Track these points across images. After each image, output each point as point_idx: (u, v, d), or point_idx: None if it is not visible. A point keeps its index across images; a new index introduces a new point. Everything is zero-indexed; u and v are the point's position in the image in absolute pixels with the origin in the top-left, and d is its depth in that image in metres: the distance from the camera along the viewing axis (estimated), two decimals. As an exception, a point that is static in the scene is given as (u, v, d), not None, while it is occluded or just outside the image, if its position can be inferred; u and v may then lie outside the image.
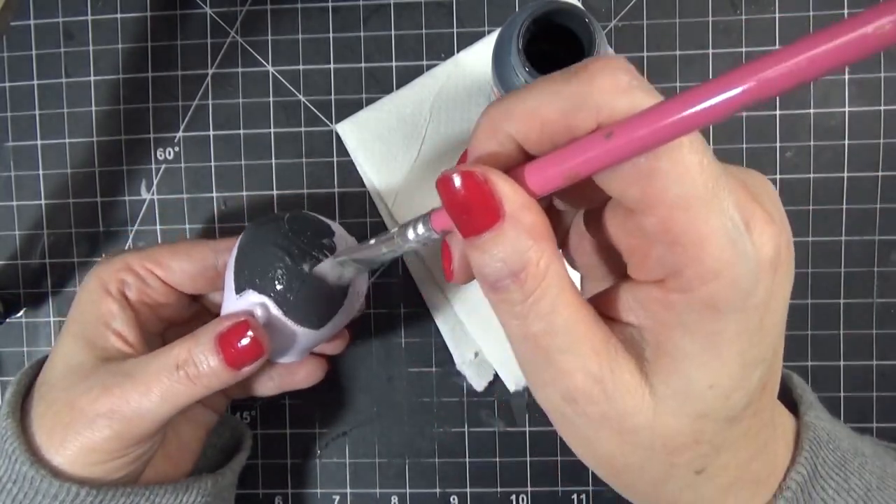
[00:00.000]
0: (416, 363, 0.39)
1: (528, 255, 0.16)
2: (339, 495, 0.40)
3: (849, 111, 0.37)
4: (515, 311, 0.17)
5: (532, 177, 0.17)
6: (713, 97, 0.13)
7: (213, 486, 0.31)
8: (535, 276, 0.17)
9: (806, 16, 0.37)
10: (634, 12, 0.38)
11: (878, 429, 0.38)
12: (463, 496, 0.39)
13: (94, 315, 0.30)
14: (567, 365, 0.17)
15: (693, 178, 0.15)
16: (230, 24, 0.39)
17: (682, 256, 0.16)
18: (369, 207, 0.39)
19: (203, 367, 0.27)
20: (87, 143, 0.40)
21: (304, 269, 0.28)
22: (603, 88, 0.16)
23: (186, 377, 0.27)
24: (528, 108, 0.17)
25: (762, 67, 0.13)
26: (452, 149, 0.38)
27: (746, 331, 0.16)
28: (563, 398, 0.18)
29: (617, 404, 0.17)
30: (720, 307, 0.16)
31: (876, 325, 0.38)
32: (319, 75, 0.39)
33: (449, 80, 0.38)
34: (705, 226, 0.15)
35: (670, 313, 0.17)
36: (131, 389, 0.27)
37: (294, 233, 0.29)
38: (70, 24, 0.40)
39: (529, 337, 0.17)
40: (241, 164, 0.39)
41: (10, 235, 0.40)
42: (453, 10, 0.38)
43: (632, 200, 0.16)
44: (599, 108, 0.16)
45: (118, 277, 0.30)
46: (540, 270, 0.17)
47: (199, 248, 0.31)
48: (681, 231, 0.15)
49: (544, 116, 0.16)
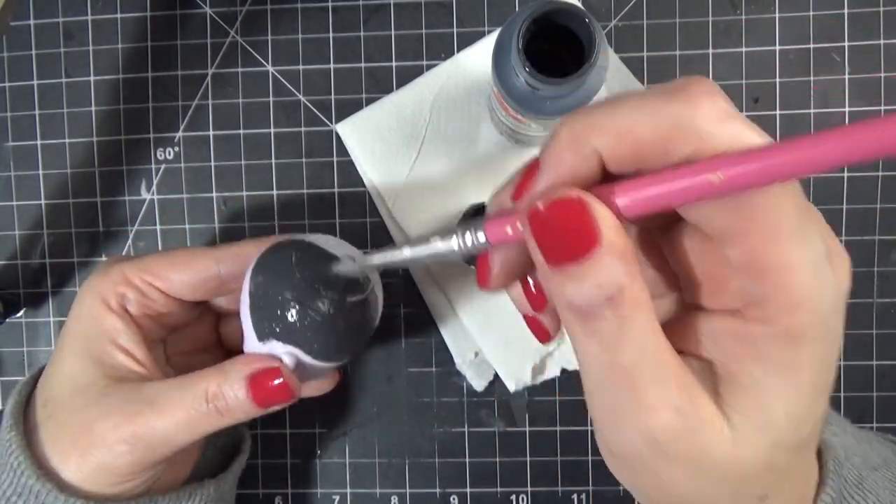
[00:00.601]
0: (416, 363, 0.39)
1: (624, 279, 0.16)
2: (339, 495, 0.40)
3: (849, 111, 0.37)
4: (606, 340, 0.16)
5: (623, 200, 0.16)
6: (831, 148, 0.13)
7: (215, 490, 0.31)
8: (631, 301, 0.16)
9: (806, 16, 0.37)
10: (634, 12, 0.38)
11: (878, 429, 0.38)
12: (463, 496, 0.39)
13: (97, 331, 0.29)
14: (653, 399, 0.16)
15: (785, 210, 0.15)
16: (230, 24, 0.39)
17: (766, 287, 0.16)
18: (369, 207, 0.39)
19: (232, 403, 0.28)
20: (87, 143, 0.40)
21: (324, 310, 0.28)
22: (706, 114, 0.15)
23: (216, 410, 0.27)
24: (621, 125, 0.16)
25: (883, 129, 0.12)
26: (452, 149, 0.38)
27: (821, 360, 0.16)
28: (643, 439, 0.17)
29: (697, 440, 0.16)
30: (801, 337, 0.16)
31: (876, 325, 0.38)
32: (319, 75, 0.39)
33: (449, 80, 0.38)
34: (793, 257, 0.15)
35: (745, 344, 0.16)
36: (156, 419, 0.27)
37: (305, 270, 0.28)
38: (70, 24, 0.40)
39: (618, 368, 0.16)
40: (241, 164, 0.39)
41: (10, 235, 0.40)
42: (453, 10, 0.38)
43: (717, 229, 0.16)
44: (700, 135, 0.15)
45: (117, 291, 0.29)
46: (635, 294, 0.16)
47: (199, 258, 0.30)
48: (769, 262, 0.15)
49: (639, 136, 0.16)
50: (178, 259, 0.30)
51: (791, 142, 0.14)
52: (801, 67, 0.37)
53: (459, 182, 0.38)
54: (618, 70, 0.37)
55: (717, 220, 0.16)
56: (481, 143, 0.38)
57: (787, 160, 0.14)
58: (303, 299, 0.27)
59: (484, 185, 0.38)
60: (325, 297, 0.28)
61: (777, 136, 0.37)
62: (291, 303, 0.27)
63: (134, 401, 0.27)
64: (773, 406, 0.16)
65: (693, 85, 0.15)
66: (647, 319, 0.16)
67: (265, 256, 0.29)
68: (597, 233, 0.15)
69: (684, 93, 0.15)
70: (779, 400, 0.16)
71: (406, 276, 0.39)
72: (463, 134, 0.38)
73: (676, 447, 0.17)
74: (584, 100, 0.29)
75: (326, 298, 0.28)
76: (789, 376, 0.16)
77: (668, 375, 0.16)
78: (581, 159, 0.16)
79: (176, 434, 0.27)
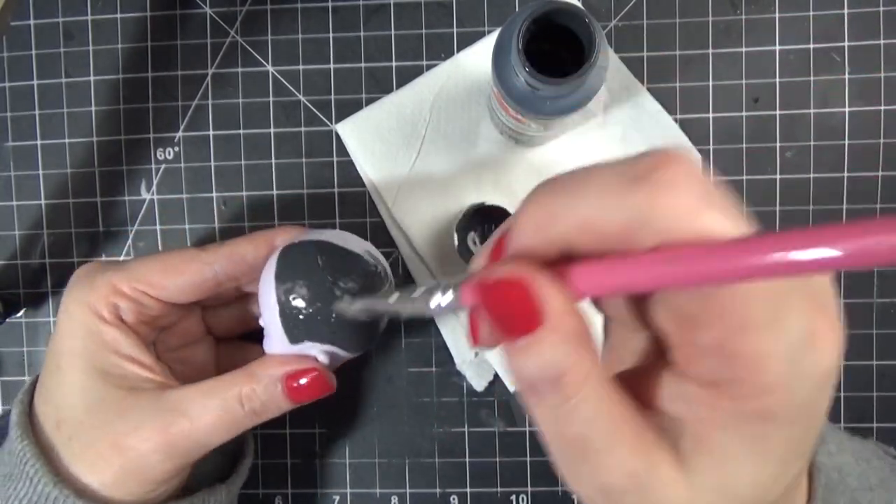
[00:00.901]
0: (416, 363, 0.39)
1: (566, 362, 0.16)
2: (339, 495, 0.40)
3: (849, 111, 0.37)
4: (551, 414, 0.17)
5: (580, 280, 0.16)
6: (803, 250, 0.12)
7: (226, 495, 0.32)
8: (573, 385, 0.16)
9: (806, 16, 0.37)
10: (634, 12, 0.38)
11: (878, 429, 0.38)
12: (463, 496, 0.39)
13: (98, 345, 0.29)
14: (605, 464, 0.17)
15: (756, 300, 0.14)
16: (230, 24, 0.39)
17: (737, 371, 0.15)
18: (369, 207, 0.39)
19: (269, 403, 0.29)
20: (87, 143, 0.40)
21: (350, 307, 0.28)
22: (671, 208, 0.14)
23: (252, 412, 0.29)
24: (583, 216, 0.15)
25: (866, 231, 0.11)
26: (452, 149, 0.38)
27: (793, 438, 0.16)
28: (598, 491, 0.17)
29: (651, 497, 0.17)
30: (773, 418, 0.15)
31: (876, 325, 0.38)
32: (319, 75, 0.39)
33: (449, 80, 0.38)
34: (764, 346, 0.15)
35: (716, 413, 0.16)
36: (190, 426, 0.28)
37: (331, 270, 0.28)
38: (70, 24, 0.40)
39: (567, 437, 0.17)
40: (241, 164, 0.39)
41: (10, 235, 0.40)
42: (453, 10, 0.38)
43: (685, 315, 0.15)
44: (662, 231, 0.14)
45: (109, 302, 0.29)
46: (579, 378, 0.16)
47: (193, 262, 0.30)
48: (738, 350, 0.15)
49: (601, 229, 0.15)
50: (170, 265, 0.30)
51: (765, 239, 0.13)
52: (801, 67, 0.37)
53: (459, 182, 0.38)
54: (618, 70, 0.37)
55: (685, 307, 0.15)
56: (481, 143, 0.38)
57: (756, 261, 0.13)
58: (334, 301, 0.28)
59: (484, 185, 0.38)
60: (355, 294, 0.28)
61: (777, 136, 0.37)
62: (324, 307, 0.28)
63: (161, 410, 0.28)
64: (738, 474, 0.16)
65: (661, 168, 0.14)
66: (594, 397, 0.16)
67: (287, 261, 0.29)
68: (540, 314, 0.15)
69: (650, 180, 0.14)
70: (744, 469, 0.16)
71: (406, 276, 0.39)
72: (463, 134, 0.38)
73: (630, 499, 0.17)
74: (584, 100, 0.29)
75: (356, 296, 0.28)
76: (757, 450, 0.16)
77: (619, 443, 0.16)
78: (546, 243, 0.16)
79: (211, 438, 0.28)
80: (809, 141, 0.37)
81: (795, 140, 0.37)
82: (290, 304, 0.28)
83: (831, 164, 0.37)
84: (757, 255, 0.12)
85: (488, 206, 0.36)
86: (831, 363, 0.15)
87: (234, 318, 0.35)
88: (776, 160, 0.38)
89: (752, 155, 0.38)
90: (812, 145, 0.37)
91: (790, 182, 0.37)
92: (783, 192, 0.37)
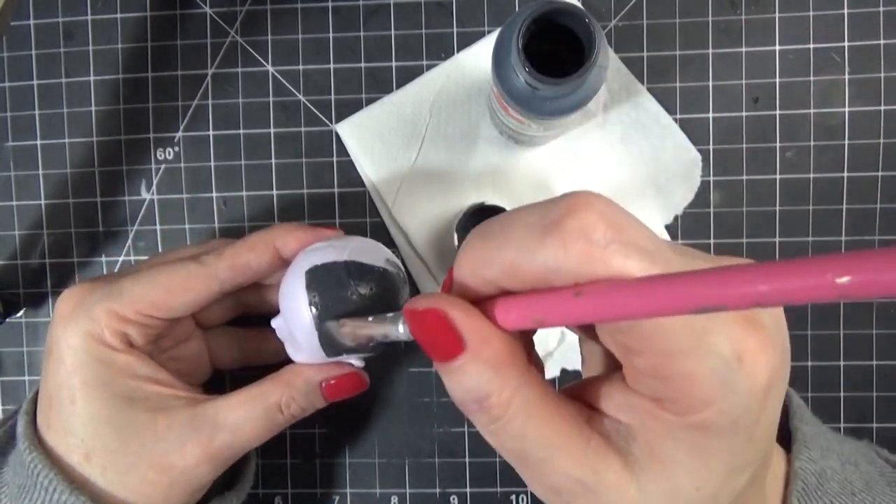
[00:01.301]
0: (416, 363, 0.39)
1: (488, 387, 0.17)
2: (339, 495, 0.40)
3: (849, 111, 0.37)
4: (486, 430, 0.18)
5: (500, 314, 0.17)
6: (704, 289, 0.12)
7: (236, 500, 0.32)
8: (498, 406, 0.17)
9: (806, 16, 0.37)
10: (634, 12, 0.38)
11: (878, 429, 0.38)
12: (463, 496, 0.39)
13: (113, 373, 0.28)
14: (546, 470, 0.18)
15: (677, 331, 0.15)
16: (230, 24, 0.39)
17: (671, 391, 0.16)
18: (369, 207, 0.39)
19: (308, 408, 0.31)
20: (87, 143, 0.40)
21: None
22: (575, 255, 0.15)
23: (291, 416, 0.30)
24: (506, 263, 0.17)
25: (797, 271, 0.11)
26: (452, 149, 0.38)
27: (735, 447, 0.17)
28: (547, 491, 0.18)
29: (602, 498, 0.18)
30: (709, 430, 0.16)
31: (876, 325, 0.38)
32: (319, 75, 0.39)
33: (449, 80, 0.38)
34: (694, 368, 0.16)
35: (661, 425, 0.17)
36: (232, 438, 0.29)
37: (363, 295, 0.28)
38: (70, 24, 0.40)
39: (504, 450, 0.18)
40: (241, 164, 0.39)
41: (10, 235, 0.40)
42: (453, 10, 0.38)
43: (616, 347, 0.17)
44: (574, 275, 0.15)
45: (116, 331, 0.28)
46: (503, 401, 0.17)
47: (196, 280, 0.29)
48: (669, 373, 0.16)
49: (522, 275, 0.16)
50: (175, 284, 0.29)
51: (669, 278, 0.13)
52: (801, 67, 0.37)
53: (459, 182, 0.38)
54: (618, 70, 0.37)
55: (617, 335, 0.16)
56: (481, 143, 0.38)
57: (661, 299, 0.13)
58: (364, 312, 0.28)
59: (484, 186, 0.38)
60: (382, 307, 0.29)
61: (777, 136, 0.37)
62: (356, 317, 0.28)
63: (200, 426, 0.28)
64: (684, 481, 0.17)
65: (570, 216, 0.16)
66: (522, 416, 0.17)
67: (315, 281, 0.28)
68: (459, 342, 0.17)
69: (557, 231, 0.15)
70: (689, 476, 0.17)
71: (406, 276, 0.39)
72: (463, 134, 0.38)
73: (580, 500, 0.18)
74: (583, 100, 0.29)
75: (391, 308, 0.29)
76: (701, 459, 0.17)
77: (558, 453, 0.17)
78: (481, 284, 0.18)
79: (252, 444, 0.30)
80: (809, 141, 0.37)
81: (795, 140, 0.37)
82: (323, 325, 0.28)
83: (831, 164, 0.37)
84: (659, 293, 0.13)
85: (488, 206, 0.36)
86: (764, 379, 0.16)
87: (224, 308, 0.35)
88: (776, 160, 0.38)
89: (752, 155, 0.38)
90: (812, 145, 0.37)
91: (790, 182, 0.37)
92: (783, 192, 0.37)
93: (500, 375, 0.17)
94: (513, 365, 0.17)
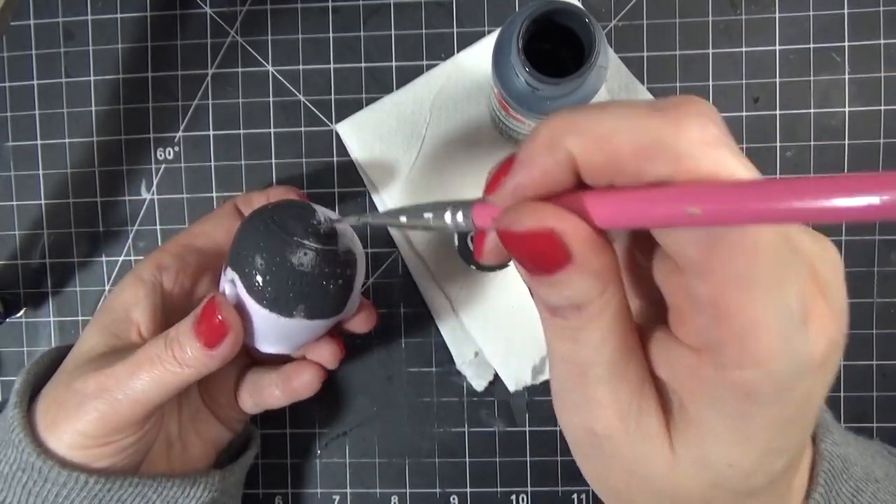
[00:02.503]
0: (416, 363, 0.39)
1: (590, 294, 0.16)
2: (339, 495, 0.40)
3: (849, 111, 0.37)
4: (568, 334, 0.17)
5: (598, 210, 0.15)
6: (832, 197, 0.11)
7: (219, 481, 0.31)
8: (595, 311, 0.16)
9: (806, 16, 0.37)
10: (634, 12, 0.38)
11: (879, 429, 0.38)
12: (463, 496, 0.39)
13: (116, 306, 0.30)
14: (600, 395, 0.17)
15: (761, 259, 0.14)
16: (230, 24, 0.39)
17: (725, 334, 0.15)
18: (369, 207, 0.39)
19: (185, 344, 0.28)
20: (87, 143, 0.40)
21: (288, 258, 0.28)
22: (690, 137, 0.14)
23: (173, 358, 0.27)
24: (600, 131, 0.15)
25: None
26: (452, 149, 0.38)
27: (778, 423, 0.16)
28: (584, 429, 0.17)
29: (634, 448, 0.17)
30: (754, 396, 0.15)
31: (876, 325, 0.38)
32: (319, 75, 0.39)
33: (449, 80, 0.38)
34: (761, 312, 0.14)
35: (701, 385, 0.16)
36: (122, 371, 0.27)
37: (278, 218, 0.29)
38: (70, 24, 0.40)
39: (575, 360, 0.17)
40: (241, 164, 0.39)
41: (10, 235, 0.40)
42: (453, 10, 0.38)
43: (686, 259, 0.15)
44: (680, 157, 0.14)
45: (157, 262, 0.31)
46: (601, 306, 0.16)
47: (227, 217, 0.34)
48: (732, 309, 0.14)
49: (616, 145, 0.15)
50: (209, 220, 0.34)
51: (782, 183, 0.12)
52: (801, 67, 0.37)
53: (459, 182, 0.38)
54: (618, 70, 0.37)
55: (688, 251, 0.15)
56: (481, 143, 0.38)
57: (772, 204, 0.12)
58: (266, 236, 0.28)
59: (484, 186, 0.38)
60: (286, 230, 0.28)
61: (777, 135, 0.37)
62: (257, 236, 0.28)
63: (112, 359, 0.28)
64: (717, 453, 0.16)
65: (685, 104, 0.14)
66: (609, 327, 0.16)
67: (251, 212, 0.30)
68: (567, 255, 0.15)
69: (673, 111, 0.14)
70: (723, 449, 0.16)
71: (406, 275, 0.39)
72: (463, 134, 0.38)
73: (613, 445, 0.17)
74: (584, 100, 0.29)
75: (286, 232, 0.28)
76: (737, 430, 0.16)
77: (620, 381, 0.17)
78: (554, 161, 0.16)
79: (139, 386, 0.27)
80: (809, 141, 0.37)
81: (795, 140, 0.37)
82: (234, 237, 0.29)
83: (831, 164, 0.37)
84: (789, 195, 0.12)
85: (488, 205, 0.36)
86: (823, 350, 0.15)
87: None
88: (776, 160, 0.38)
89: (752, 155, 0.38)
90: (812, 145, 0.37)
91: (790, 182, 0.37)
92: (783, 192, 0.37)
93: (604, 282, 0.16)
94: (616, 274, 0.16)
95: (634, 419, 0.16)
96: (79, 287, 0.40)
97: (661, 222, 0.14)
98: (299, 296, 0.28)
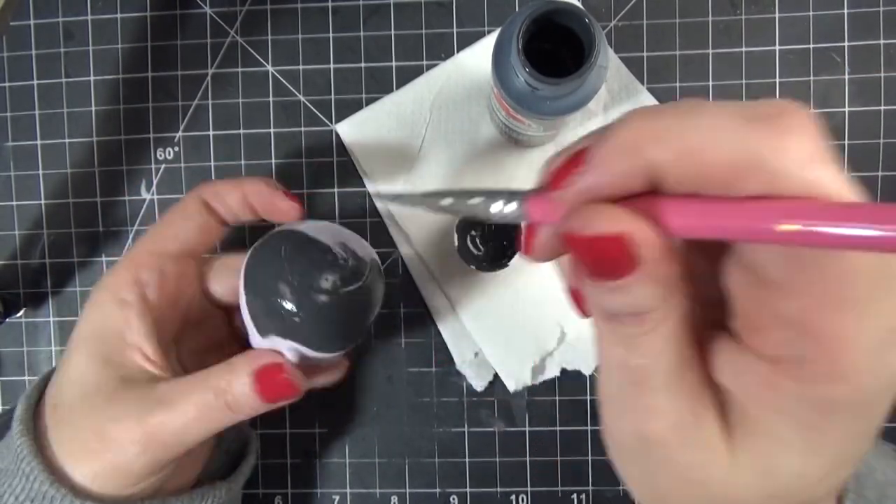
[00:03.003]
0: (416, 363, 0.39)
1: (653, 302, 0.15)
2: (339, 495, 0.40)
3: (849, 111, 0.37)
4: (626, 342, 0.16)
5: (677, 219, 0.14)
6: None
7: (226, 493, 0.31)
8: (654, 320, 0.15)
9: (806, 16, 0.37)
10: (634, 12, 0.38)
11: (878, 429, 0.38)
12: (463, 496, 0.39)
13: (108, 329, 0.29)
14: (656, 403, 0.16)
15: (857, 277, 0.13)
16: (230, 24, 0.39)
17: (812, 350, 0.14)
18: (369, 207, 0.39)
19: (241, 398, 0.28)
20: (87, 143, 0.40)
21: (319, 301, 0.28)
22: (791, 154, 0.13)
23: (225, 405, 0.28)
24: (691, 143, 0.14)
25: None
26: (452, 149, 0.38)
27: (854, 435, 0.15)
28: (637, 436, 0.17)
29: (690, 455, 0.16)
30: (836, 408, 0.14)
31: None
32: (319, 75, 0.39)
33: (449, 81, 0.38)
34: (851, 331, 0.13)
35: (774, 395, 0.15)
36: (168, 417, 0.27)
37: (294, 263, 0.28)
38: (70, 24, 0.40)
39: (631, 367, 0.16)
40: (241, 164, 0.39)
41: (10, 235, 0.40)
42: (453, 10, 0.38)
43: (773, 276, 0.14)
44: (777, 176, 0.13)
45: (134, 278, 0.29)
46: (661, 315, 0.15)
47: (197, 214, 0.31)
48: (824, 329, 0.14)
49: (708, 160, 0.13)
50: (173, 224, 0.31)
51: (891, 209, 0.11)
52: (801, 67, 0.37)
53: (459, 182, 0.38)
54: (618, 70, 0.37)
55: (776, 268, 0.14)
56: (481, 143, 0.38)
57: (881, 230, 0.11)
58: (295, 293, 0.28)
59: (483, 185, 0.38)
60: (319, 288, 0.28)
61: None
62: (284, 299, 0.28)
63: (145, 401, 0.27)
64: (786, 463, 0.15)
65: (786, 116, 0.13)
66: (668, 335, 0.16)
67: (256, 250, 0.29)
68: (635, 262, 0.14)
69: (774, 123, 0.13)
70: (793, 459, 0.15)
71: (406, 276, 0.39)
72: (463, 134, 0.38)
73: (666, 452, 0.16)
74: (583, 100, 0.29)
75: (320, 290, 0.28)
76: (811, 441, 0.15)
77: (678, 389, 0.16)
78: (632, 170, 0.15)
79: (187, 431, 0.27)
80: (809, 141, 0.37)
81: (795, 140, 0.37)
82: (252, 293, 0.28)
83: (831, 164, 0.37)
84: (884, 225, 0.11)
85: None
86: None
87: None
88: (776, 160, 0.37)
89: (752, 155, 0.37)
90: (812, 145, 0.37)
91: (790, 182, 0.37)
92: (783, 192, 0.37)
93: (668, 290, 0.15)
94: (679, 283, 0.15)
95: (691, 426, 0.16)
96: (79, 287, 0.40)
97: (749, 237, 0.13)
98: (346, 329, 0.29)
